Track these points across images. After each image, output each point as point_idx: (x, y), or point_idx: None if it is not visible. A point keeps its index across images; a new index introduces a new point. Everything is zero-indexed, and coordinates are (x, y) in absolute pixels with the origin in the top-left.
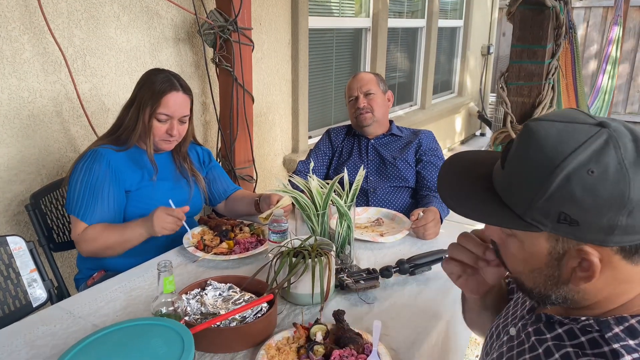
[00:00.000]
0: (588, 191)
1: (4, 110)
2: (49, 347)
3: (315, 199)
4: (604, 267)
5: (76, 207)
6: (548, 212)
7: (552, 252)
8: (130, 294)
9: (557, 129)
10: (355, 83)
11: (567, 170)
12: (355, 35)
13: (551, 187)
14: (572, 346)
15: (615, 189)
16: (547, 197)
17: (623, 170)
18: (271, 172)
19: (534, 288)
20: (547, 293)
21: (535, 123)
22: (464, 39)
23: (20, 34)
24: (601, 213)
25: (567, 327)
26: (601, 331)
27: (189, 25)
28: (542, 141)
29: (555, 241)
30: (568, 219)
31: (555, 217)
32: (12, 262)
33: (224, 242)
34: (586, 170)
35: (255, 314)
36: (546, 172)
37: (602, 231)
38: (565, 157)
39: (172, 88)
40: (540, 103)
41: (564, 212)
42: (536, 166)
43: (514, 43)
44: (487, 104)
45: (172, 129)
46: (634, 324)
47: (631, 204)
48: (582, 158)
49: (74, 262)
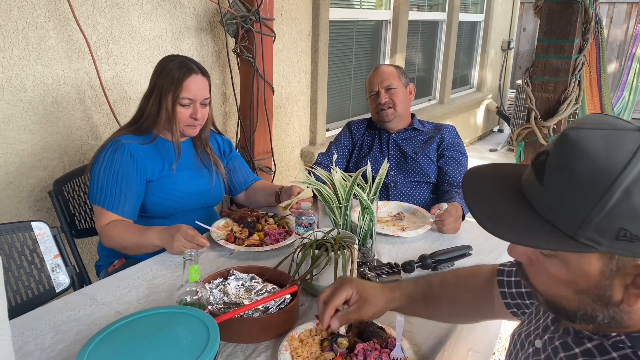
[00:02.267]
0: None
1: (28, 97)
2: (74, 332)
3: (338, 191)
4: None
5: (100, 197)
6: (605, 230)
7: (605, 271)
8: (153, 282)
9: (602, 138)
10: (376, 77)
11: (625, 183)
12: (376, 28)
13: (609, 203)
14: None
15: None
16: (605, 214)
17: None
18: (288, 164)
19: (579, 310)
20: (595, 314)
21: (575, 132)
22: (485, 33)
23: (46, 21)
24: None
25: (596, 343)
26: (634, 347)
27: (211, 14)
28: (590, 153)
29: (609, 259)
30: (628, 234)
31: (614, 234)
32: (36, 247)
33: (253, 234)
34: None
35: (278, 305)
36: (603, 188)
37: None
38: (621, 170)
39: (192, 71)
40: (566, 99)
41: (624, 228)
42: (590, 181)
43: (540, 37)
44: (506, 100)
45: (196, 113)
46: None
47: None
48: (639, 168)
49: (95, 248)
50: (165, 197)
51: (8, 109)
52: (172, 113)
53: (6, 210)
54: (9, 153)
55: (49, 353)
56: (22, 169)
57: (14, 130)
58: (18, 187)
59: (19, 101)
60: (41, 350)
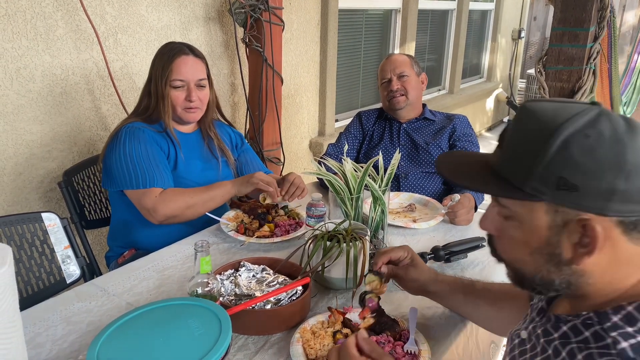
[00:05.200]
0: (586, 153)
1: (37, 87)
2: (85, 323)
3: (349, 182)
4: (604, 243)
5: (139, 180)
6: (547, 179)
7: (552, 226)
8: (163, 273)
9: (553, 105)
10: (388, 65)
11: (564, 134)
12: (385, 17)
13: (549, 153)
14: (577, 342)
15: (612, 150)
16: (546, 163)
17: (618, 135)
18: (297, 155)
19: (537, 273)
20: (550, 277)
21: (531, 102)
22: (495, 22)
23: (54, 11)
24: (600, 176)
25: (571, 324)
26: (601, 323)
27: (220, 3)
28: (538, 114)
29: (555, 212)
30: (568, 184)
31: (555, 183)
32: (46, 238)
33: (264, 225)
34: (583, 134)
35: (290, 297)
36: (544, 139)
37: (601, 196)
38: (561, 123)
39: (181, 52)
40: (581, 88)
41: (564, 177)
42: (533, 135)
43: (554, 26)
44: (516, 90)
45: (190, 95)
46: (632, 311)
47: (628, 166)
48: (578, 125)
49: (104, 239)
50: (177, 186)
51: (17, 100)
52: (166, 97)
53: (16, 201)
54: (18, 144)
55: (60, 344)
56: (31, 160)
57: (23, 121)
58: (28, 178)
59: (28, 92)
60: (53, 341)
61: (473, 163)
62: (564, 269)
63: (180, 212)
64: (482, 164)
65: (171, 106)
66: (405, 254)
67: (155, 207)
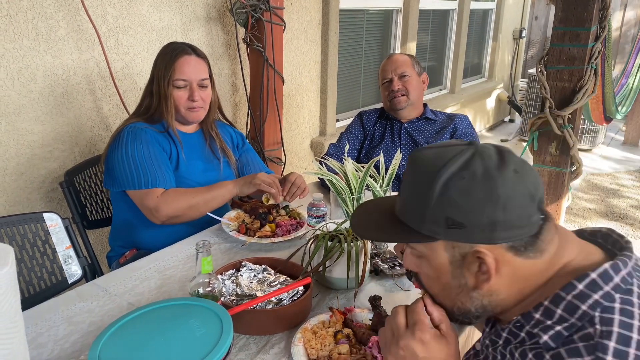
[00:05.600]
0: (464, 193)
1: (39, 88)
2: (87, 323)
3: (350, 182)
4: (501, 266)
5: (142, 180)
6: (437, 220)
7: (453, 260)
8: (165, 273)
9: (433, 152)
10: (389, 65)
11: (443, 178)
12: (386, 17)
13: (434, 197)
14: (516, 343)
15: (485, 187)
16: (433, 206)
17: (489, 173)
18: (298, 154)
19: (453, 306)
20: (466, 307)
21: (416, 151)
22: (496, 22)
23: (55, 11)
24: (480, 211)
25: (508, 330)
26: (527, 323)
27: (221, 3)
28: (420, 161)
29: (452, 248)
30: (455, 222)
31: (444, 223)
32: (48, 238)
33: (265, 225)
34: (459, 176)
35: (291, 297)
36: (427, 184)
37: (486, 229)
38: (439, 169)
39: (183, 52)
40: (582, 88)
41: (450, 217)
42: (419, 182)
43: (555, 25)
44: (518, 90)
45: (193, 94)
46: (548, 305)
47: (502, 199)
48: (454, 168)
49: (106, 239)
50: (178, 187)
51: (19, 100)
52: (166, 98)
53: (18, 202)
54: (20, 144)
55: (62, 344)
56: (33, 160)
57: (25, 121)
58: (29, 178)
59: (30, 92)
60: (54, 341)
61: (380, 213)
62: (473, 295)
63: (183, 212)
64: (388, 212)
65: (174, 106)
66: None
67: (158, 207)
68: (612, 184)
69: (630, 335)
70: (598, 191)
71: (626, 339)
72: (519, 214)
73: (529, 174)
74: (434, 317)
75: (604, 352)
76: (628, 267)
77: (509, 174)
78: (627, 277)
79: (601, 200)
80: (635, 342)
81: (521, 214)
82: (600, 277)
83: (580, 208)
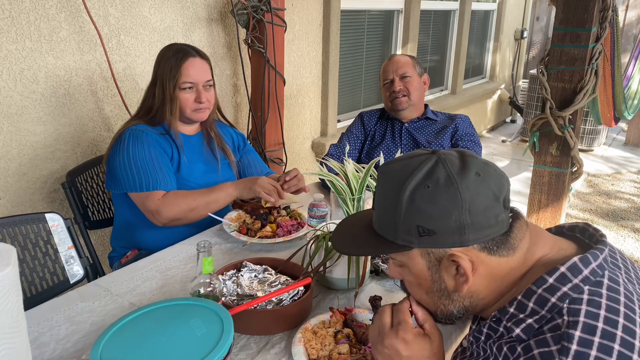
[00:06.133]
0: (429, 201)
1: (41, 89)
2: (88, 323)
3: (351, 182)
4: (476, 266)
5: (143, 183)
6: (409, 229)
7: (430, 266)
8: (166, 274)
9: (399, 164)
10: (390, 66)
11: (409, 189)
12: (387, 18)
13: (402, 208)
14: (497, 337)
15: (448, 193)
16: (403, 217)
17: (451, 178)
18: (300, 155)
19: (437, 309)
20: (448, 309)
21: (384, 165)
22: (497, 22)
23: (57, 12)
24: (447, 217)
25: (487, 325)
26: (504, 317)
27: (222, 5)
28: (388, 174)
29: (428, 254)
30: (426, 230)
31: (416, 232)
32: (50, 238)
33: (266, 225)
34: (423, 185)
35: (291, 297)
36: (395, 196)
37: (455, 233)
38: (404, 180)
39: (189, 55)
40: (582, 89)
41: (420, 225)
42: (388, 194)
43: (556, 26)
44: (519, 90)
45: (200, 96)
46: (521, 299)
47: (466, 203)
48: (418, 178)
49: (107, 240)
50: (180, 188)
51: (21, 101)
52: (174, 100)
53: (20, 202)
54: (22, 145)
55: (64, 344)
56: (35, 161)
57: (27, 122)
58: (32, 179)
59: (32, 93)
60: (56, 341)
61: (358, 229)
62: (454, 298)
63: (183, 215)
64: (365, 226)
65: (179, 108)
66: None
67: (159, 210)
68: (613, 184)
69: (595, 325)
70: (599, 192)
71: (592, 328)
72: (486, 215)
73: (492, 175)
74: (418, 316)
75: (569, 341)
76: (599, 260)
77: (470, 177)
78: (597, 269)
79: (602, 201)
80: (600, 331)
81: (488, 214)
82: (569, 270)
83: (581, 209)
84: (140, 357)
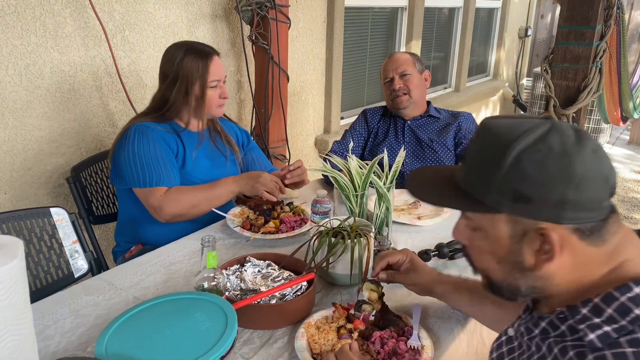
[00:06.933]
0: (538, 167)
1: (46, 84)
2: (93, 316)
3: (354, 179)
4: (563, 248)
5: (147, 178)
6: (504, 192)
7: (513, 235)
8: (170, 268)
9: (508, 122)
10: (390, 64)
11: (517, 149)
12: (391, 15)
13: (504, 167)
14: (555, 336)
15: (561, 163)
16: (502, 177)
17: (566, 149)
18: (303, 152)
19: (503, 281)
20: (517, 284)
21: (489, 119)
22: (502, 20)
23: (63, 8)
24: (551, 187)
25: (548, 320)
26: (573, 317)
27: (226, 1)
28: (494, 130)
29: (515, 223)
30: (523, 196)
31: (511, 196)
32: (55, 233)
33: (269, 221)
34: (534, 149)
35: (294, 292)
36: (499, 154)
37: (554, 207)
38: (514, 139)
39: (212, 54)
40: (586, 87)
41: (519, 189)
42: (490, 150)
43: (560, 24)
44: (523, 88)
45: (224, 92)
46: (598, 302)
47: (577, 177)
48: (530, 140)
49: (112, 235)
50: (185, 184)
51: (26, 96)
52: (202, 99)
53: (25, 196)
54: (27, 139)
55: (69, 337)
56: (40, 156)
57: (32, 117)
58: (37, 174)
59: (37, 88)
60: (61, 334)
61: (439, 179)
62: (528, 275)
63: (186, 211)
64: (447, 179)
65: (204, 106)
66: (404, 257)
67: (161, 206)
68: None
69: None
70: None
71: None
72: (591, 196)
73: (605, 158)
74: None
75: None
76: None
77: (587, 152)
78: None
79: None
80: None
81: (593, 196)
82: None
83: None
84: (144, 350)
